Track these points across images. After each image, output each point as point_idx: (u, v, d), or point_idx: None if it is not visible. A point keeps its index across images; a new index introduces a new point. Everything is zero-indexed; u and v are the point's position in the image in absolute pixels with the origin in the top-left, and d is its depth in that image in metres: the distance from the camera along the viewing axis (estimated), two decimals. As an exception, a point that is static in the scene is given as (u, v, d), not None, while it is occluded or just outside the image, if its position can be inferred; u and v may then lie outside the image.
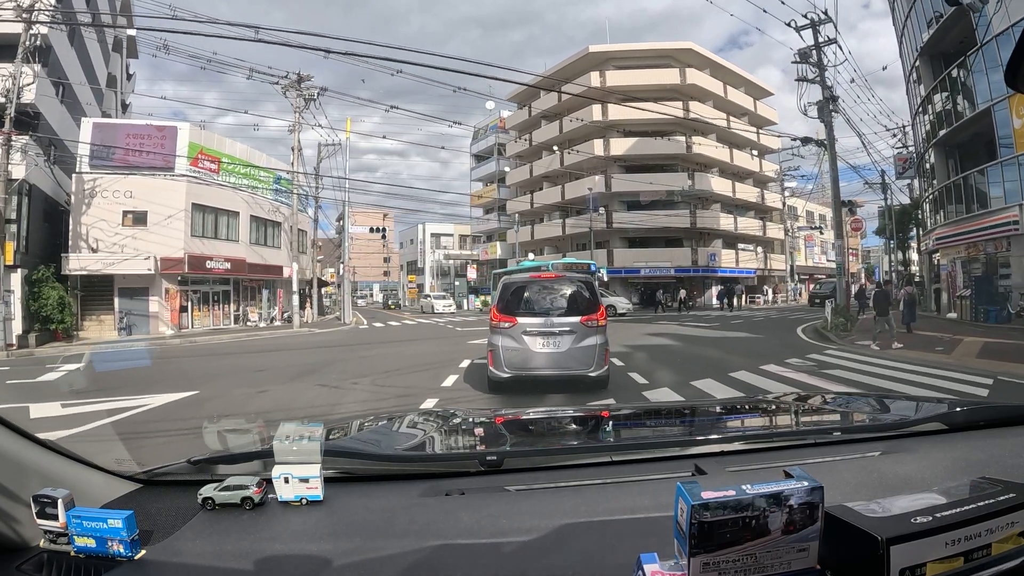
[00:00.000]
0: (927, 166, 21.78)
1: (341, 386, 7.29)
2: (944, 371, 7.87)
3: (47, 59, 18.13)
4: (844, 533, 0.65)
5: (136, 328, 19.15)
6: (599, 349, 5.88)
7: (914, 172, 23.63)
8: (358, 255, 66.09)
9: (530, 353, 5.82)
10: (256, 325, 22.62)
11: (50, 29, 17.37)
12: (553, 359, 5.82)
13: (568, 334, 5.85)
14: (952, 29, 17.45)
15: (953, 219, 18.56)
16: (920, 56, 19.81)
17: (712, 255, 34.05)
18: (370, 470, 1.12)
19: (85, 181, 18.88)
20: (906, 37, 21.36)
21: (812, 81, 17.89)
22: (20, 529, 0.80)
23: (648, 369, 8.11)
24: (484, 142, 45.72)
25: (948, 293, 19.25)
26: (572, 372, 5.79)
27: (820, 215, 47.51)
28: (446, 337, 15.36)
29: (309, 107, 21.57)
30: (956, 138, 18.45)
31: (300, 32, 9.47)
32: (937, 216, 20.71)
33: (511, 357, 5.85)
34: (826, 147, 18.39)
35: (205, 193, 20.91)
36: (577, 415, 1.89)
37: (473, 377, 7.53)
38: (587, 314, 5.97)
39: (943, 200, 19.81)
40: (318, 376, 8.37)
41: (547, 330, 5.85)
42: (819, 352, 10.43)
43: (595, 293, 6.25)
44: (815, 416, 1.74)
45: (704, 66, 34.61)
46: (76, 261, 18.13)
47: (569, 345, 5.82)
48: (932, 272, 22.10)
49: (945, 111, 18.59)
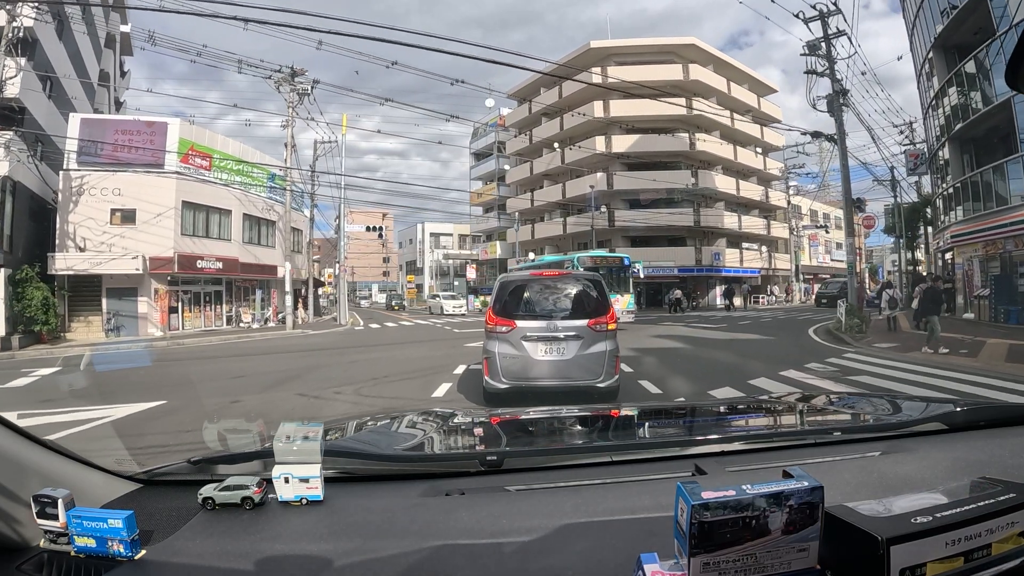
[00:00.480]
0: (940, 162, 21.12)
1: (322, 395, 6.90)
2: (975, 376, 7.50)
3: (33, 52, 17.61)
4: (844, 533, 0.65)
5: (125, 330, 18.72)
6: (609, 356, 5.32)
7: (926, 168, 22.94)
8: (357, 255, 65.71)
9: (531, 361, 5.28)
10: (249, 326, 22.13)
11: (36, 21, 16.79)
12: (557, 368, 5.29)
13: (574, 339, 5.29)
14: (967, 20, 16.85)
15: (970, 216, 17.96)
16: (933, 48, 19.20)
17: (716, 254, 33.58)
18: (370, 470, 1.12)
19: (73, 178, 18.54)
20: (918, 29, 20.76)
21: (821, 74, 17.28)
22: (20, 529, 0.81)
23: (659, 376, 7.59)
24: (484, 140, 45.30)
25: (964, 293, 18.61)
26: (578, 383, 5.25)
27: (824, 214, 46.90)
28: (442, 339, 15.00)
29: (303, 102, 20.98)
30: (972, 132, 17.93)
31: (290, 11, 9.09)
32: (951, 213, 20.06)
33: (509, 366, 5.32)
34: (836, 141, 17.73)
35: (196, 191, 20.56)
36: (577, 415, 1.85)
37: (467, 385, 7.19)
38: (595, 316, 5.40)
39: (958, 196, 19.16)
40: (299, 383, 7.98)
41: (550, 335, 5.31)
42: (838, 356, 9.99)
43: (604, 293, 5.67)
44: (815, 416, 1.74)
45: (707, 62, 34.15)
46: (63, 261, 17.72)
47: (575, 352, 5.27)
48: (946, 271, 21.44)
49: (961, 104, 17.94)
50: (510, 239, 37.89)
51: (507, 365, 5.31)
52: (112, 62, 26.82)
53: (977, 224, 17.46)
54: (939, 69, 19.52)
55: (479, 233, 48.19)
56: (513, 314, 5.43)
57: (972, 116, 17.20)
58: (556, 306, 5.58)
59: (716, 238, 34.85)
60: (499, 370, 5.32)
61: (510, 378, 5.32)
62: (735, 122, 34.10)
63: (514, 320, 5.37)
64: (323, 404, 6.42)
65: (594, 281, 5.74)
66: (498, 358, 5.32)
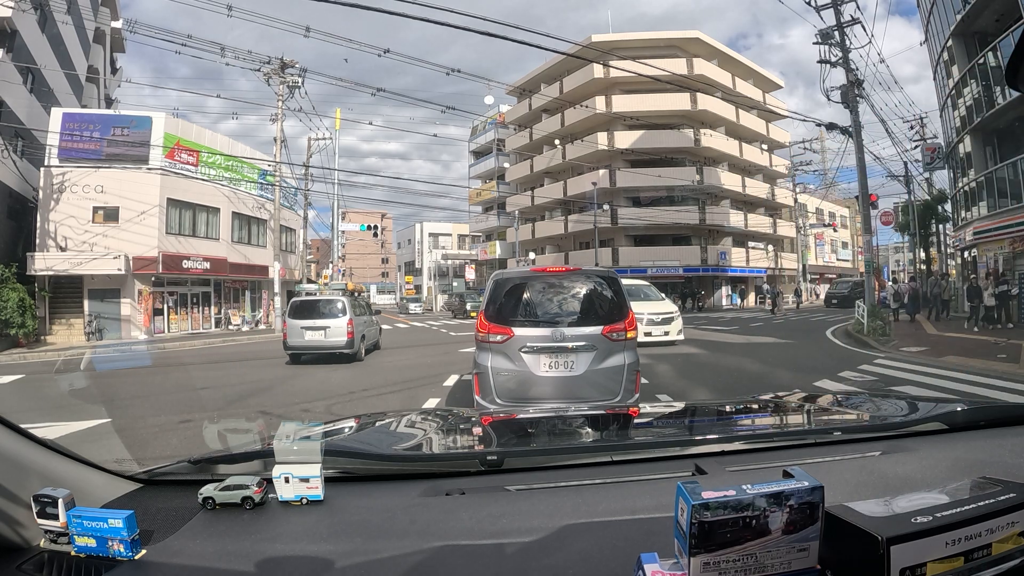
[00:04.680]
0: (960, 155, 20.17)
1: (287, 413, 6.28)
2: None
3: (11, 44, 16.84)
4: (844, 533, 0.66)
5: (107, 332, 18.13)
6: (628, 371, 4.36)
7: (943, 162, 22.00)
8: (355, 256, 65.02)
9: (532, 378, 4.31)
10: (239, 329, 21.29)
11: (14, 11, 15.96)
12: (564, 386, 4.31)
13: (585, 351, 4.33)
14: (988, 5, 15.94)
15: (994, 212, 17.04)
16: (952, 36, 18.29)
17: (722, 253, 32.84)
18: (370, 470, 1.13)
19: (54, 175, 18.11)
20: (935, 16, 19.83)
21: (835, 64, 16.43)
22: (21, 529, 0.83)
23: (679, 389, 6.85)
24: (483, 137, 44.49)
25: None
26: (590, 404, 4.23)
27: (831, 212, 45.96)
28: (436, 343, 14.34)
29: (293, 95, 20.22)
30: (995, 123, 17.08)
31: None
32: (974, 208, 19.11)
33: (505, 383, 4.35)
34: (851, 134, 16.87)
35: (182, 187, 20.05)
36: (577, 415, 1.85)
37: (459, 402, 6.59)
38: (611, 322, 4.41)
39: (982, 191, 18.21)
40: (267, 397, 7.49)
41: (556, 345, 4.32)
42: (869, 362, 9.53)
43: (621, 293, 4.66)
44: (815, 416, 1.72)
45: (712, 56, 33.51)
46: (42, 261, 17.17)
47: (586, 366, 4.30)
48: (967, 269, 20.51)
49: (984, 95, 17.00)
50: (510, 238, 37.24)
51: (502, 382, 4.35)
52: (101, 57, 26.02)
53: (1003, 220, 16.60)
54: (959, 58, 18.64)
55: (478, 233, 47.59)
56: (510, 320, 4.45)
57: (996, 106, 16.29)
58: (562, 309, 4.58)
59: (721, 237, 34.15)
60: (492, 388, 4.36)
61: (506, 398, 4.35)
62: (740, 117, 33.19)
63: (511, 327, 4.39)
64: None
65: (608, 279, 4.74)
66: (491, 373, 4.36)
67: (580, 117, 31.75)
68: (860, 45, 18.83)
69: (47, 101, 19.07)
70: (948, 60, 19.78)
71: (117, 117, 19.90)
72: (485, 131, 44.24)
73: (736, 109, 33.39)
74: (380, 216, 60.17)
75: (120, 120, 19.53)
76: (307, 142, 24.44)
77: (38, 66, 18.33)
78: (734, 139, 34.53)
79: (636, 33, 33.80)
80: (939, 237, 26.17)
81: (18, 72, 17.21)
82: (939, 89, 21.72)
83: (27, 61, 17.60)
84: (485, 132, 44.30)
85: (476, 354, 4.60)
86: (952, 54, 19.23)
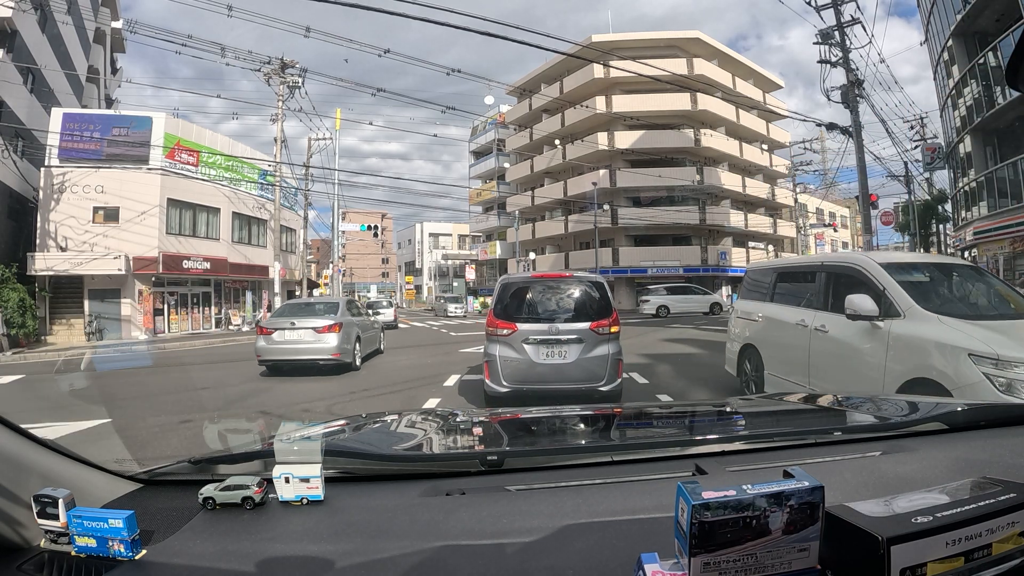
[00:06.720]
0: (960, 155, 20.18)
1: (288, 414, 6.33)
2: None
3: (11, 44, 16.84)
4: (845, 533, 0.66)
5: (107, 332, 18.12)
6: (611, 359, 5.39)
7: (943, 162, 22.00)
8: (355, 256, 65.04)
9: (532, 364, 5.34)
10: (239, 329, 21.25)
11: (14, 12, 15.97)
12: (558, 371, 5.35)
13: (576, 343, 5.36)
14: (989, 5, 15.94)
15: (995, 211, 17.04)
16: (953, 36, 18.30)
17: (723, 253, 32.84)
18: (371, 470, 1.12)
19: (54, 175, 18.12)
20: (935, 16, 19.83)
21: (835, 64, 16.45)
22: (21, 529, 0.82)
23: (681, 390, 6.96)
24: (483, 137, 44.48)
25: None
26: (580, 386, 5.32)
27: (831, 213, 45.93)
28: (437, 344, 14.39)
29: (294, 95, 20.22)
30: (995, 123, 17.05)
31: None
32: (974, 208, 19.12)
33: (510, 369, 5.37)
34: (851, 134, 16.87)
35: (182, 187, 20.08)
36: (578, 415, 1.82)
37: (460, 403, 6.61)
38: (598, 319, 5.46)
39: (982, 191, 18.22)
40: (266, 398, 7.39)
41: (551, 338, 5.36)
42: None
43: (607, 295, 5.76)
44: (815, 416, 1.74)
45: (712, 56, 33.51)
46: (43, 261, 17.17)
47: (577, 355, 5.35)
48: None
49: (984, 95, 17.01)
50: (510, 238, 37.23)
51: (508, 368, 5.36)
52: (102, 58, 26.03)
53: (1003, 220, 16.60)
54: (959, 58, 18.65)
55: (478, 233, 47.60)
56: (514, 316, 5.48)
57: (996, 106, 16.30)
58: (558, 308, 5.61)
59: (722, 237, 34.15)
60: (500, 373, 5.36)
61: (511, 381, 5.36)
62: (740, 117, 33.15)
63: (515, 323, 5.42)
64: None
65: (596, 284, 5.77)
66: (499, 361, 5.37)
67: (580, 117, 31.75)
68: (860, 45, 18.86)
69: (47, 101, 19.08)
70: (948, 60, 19.80)
71: (117, 117, 19.92)
72: (485, 131, 44.24)
73: (736, 109, 33.38)
74: (380, 216, 60.18)
75: (120, 120, 19.56)
76: (307, 142, 24.47)
77: (38, 66, 18.35)
78: (734, 139, 34.52)
79: (636, 33, 33.80)
80: (939, 237, 26.18)
81: (18, 72, 17.23)
82: (939, 89, 21.74)
83: (27, 61, 17.62)
84: (485, 132, 44.31)
85: (486, 345, 5.58)
86: (952, 54, 19.26)
